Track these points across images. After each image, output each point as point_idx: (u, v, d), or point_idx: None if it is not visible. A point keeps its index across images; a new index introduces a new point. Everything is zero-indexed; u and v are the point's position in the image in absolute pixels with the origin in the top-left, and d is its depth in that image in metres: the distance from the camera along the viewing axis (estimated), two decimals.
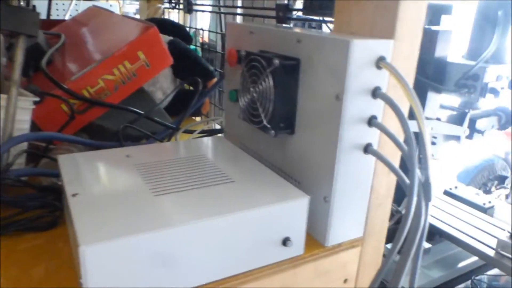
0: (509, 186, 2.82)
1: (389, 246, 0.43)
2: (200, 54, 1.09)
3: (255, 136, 0.51)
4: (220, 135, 0.68)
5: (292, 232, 0.39)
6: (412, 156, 0.36)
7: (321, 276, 0.45)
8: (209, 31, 1.12)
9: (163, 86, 0.81)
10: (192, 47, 1.01)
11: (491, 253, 0.84)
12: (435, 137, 0.88)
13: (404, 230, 0.38)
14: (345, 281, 0.47)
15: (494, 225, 0.94)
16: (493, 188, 2.89)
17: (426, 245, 0.93)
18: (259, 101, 0.45)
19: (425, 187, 0.37)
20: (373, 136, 0.41)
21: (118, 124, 0.58)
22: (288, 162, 0.46)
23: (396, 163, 0.43)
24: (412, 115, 0.37)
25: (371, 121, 0.40)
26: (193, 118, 0.96)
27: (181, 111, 0.67)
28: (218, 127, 0.83)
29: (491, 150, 2.96)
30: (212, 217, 0.33)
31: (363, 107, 0.39)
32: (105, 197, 0.35)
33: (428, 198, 0.38)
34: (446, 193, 1.19)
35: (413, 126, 0.36)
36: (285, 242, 0.39)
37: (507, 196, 2.51)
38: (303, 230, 0.40)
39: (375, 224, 0.47)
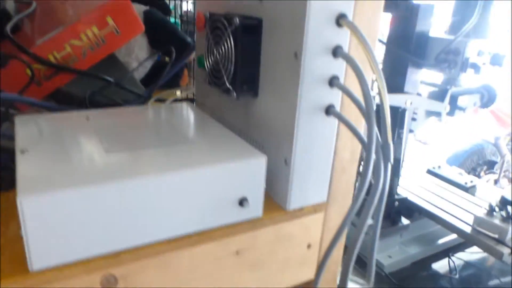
0: (498, 171, 2.85)
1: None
2: (180, 26, 1.07)
3: (222, 101, 0.50)
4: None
5: (249, 193, 0.38)
6: (370, 116, 0.36)
7: (283, 241, 0.45)
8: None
9: (138, 56, 0.80)
10: (172, 19, 0.99)
11: (468, 229, 0.84)
12: (415, 113, 0.88)
13: (362, 191, 0.38)
14: (309, 246, 0.47)
15: (473, 203, 0.95)
16: (482, 173, 2.92)
17: (404, 221, 0.94)
18: (221, 63, 0.44)
19: (384, 148, 0.37)
20: (335, 97, 0.40)
21: (87, 91, 0.57)
22: (252, 125, 0.46)
23: (360, 128, 0.43)
24: (392, 89, 0.36)
25: (333, 82, 0.39)
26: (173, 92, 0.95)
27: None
28: None
29: (481, 135, 2.98)
30: (162, 173, 0.33)
31: (324, 67, 0.38)
32: (54, 154, 0.35)
33: (387, 159, 0.37)
34: (429, 172, 1.20)
35: (395, 100, 0.36)
36: (242, 202, 0.38)
37: (496, 181, 2.53)
38: (261, 191, 0.39)
39: (339, 189, 0.46)
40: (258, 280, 0.46)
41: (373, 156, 0.36)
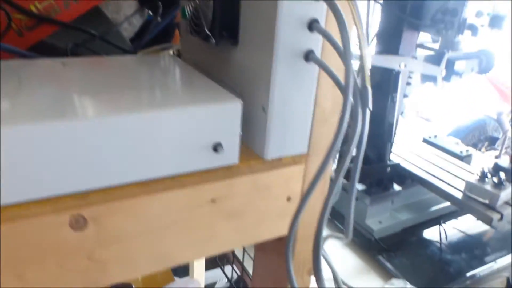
0: (499, 147, 2.83)
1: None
2: None
3: (203, 52, 0.49)
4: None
5: (224, 138, 0.38)
6: (347, 58, 0.35)
7: (261, 191, 0.44)
8: None
9: (127, 14, 0.78)
10: None
11: (459, 195, 0.84)
12: (410, 77, 0.86)
13: (338, 137, 0.37)
14: (289, 199, 0.47)
15: (467, 171, 0.94)
16: (483, 149, 2.91)
17: (396, 187, 0.93)
18: (201, 10, 0.43)
19: (362, 92, 0.36)
20: (316, 43, 0.39)
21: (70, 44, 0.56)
22: (232, 75, 0.45)
23: (341, 77, 0.42)
24: (387, 51, 0.35)
25: (312, 25, 0.38)
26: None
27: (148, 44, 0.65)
28: None
29: (483, 110, 2.95)
30: (131, 112, 0.32)
31: (302, 8, 0.37)
32: (18, 92, 0.34)
33: (365, 104, 0.36)
34: (425, 141, 1.19)
35: (388, 62, 0.34)
36: (216, 148, 0.38)
37: (496, 158, 2.52)
38: (236, 137, 0.39)
39: (321, 141, 0.46)
40: (236, 230, 0.46)
41: (351, 99, 0.35)
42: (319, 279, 0.42)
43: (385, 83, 0.84)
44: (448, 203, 0.97)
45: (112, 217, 0.36)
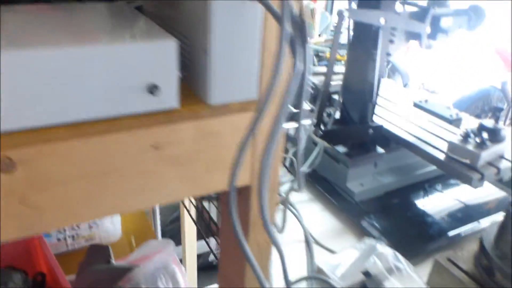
0: (503, 118, 2.79)
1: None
2: None
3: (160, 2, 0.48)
4: None
5: (160, 80, 0.37)
6: None
7: (209, 139, 0.43)
8: None
9: None
10: None
11: (442, 157, 0.82)
12: (393, 34, 0.83)
13: (276, 77, 0.35)
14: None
15: (453, 133, 0.92)
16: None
17: (379, 150, 0.92)
18: None
19: (300, 26, 0.34)
20: None
21: None
22: (181, 21, 0.43)
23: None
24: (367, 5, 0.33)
25: None
26: None
27: None
28: None
29: (488, 80, 2.89)
30: (58, 46, 0.31)
31: None
32: None
33: (303, 39, 0.35)
34: (415, 105, 1.16)
35: (367, 17, 0.32)
36: (152, 90, 0.37)
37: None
38: (173, 78, 0.37)
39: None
40: (185, 179, 0.45)
41: (288, 31, 0.34)
42: (266, 225, 0.41)
43: (364, 40, 0.81)
44: (434, 167, 0.95)
45: (41, 160, 0.35)
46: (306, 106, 1.19)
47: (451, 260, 0.67)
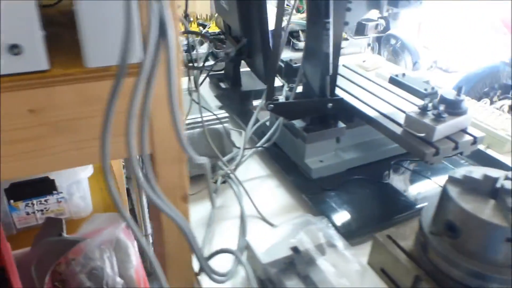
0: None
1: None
2: None
3: None
4: None
5: (22, 40, 0.36)
6: None
7: (92, 103, 0.43)
8: None
9: None
10: None
11: (399, 130, 0.80)
12: (350, 1, 0.80)
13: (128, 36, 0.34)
14: None
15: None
16: (495, 98, 2.77)
17: (340, 125, 0.90)
18: None
19: None
20: None
21: None
22: None
23: None
24: None
25: None
26: None
27: None
28: None
29: (497, 55, 2.79)
30: None
31: None
32: None
33: None
34: (391, 79, 1.13)
35: None
36: (14, 50, 0.36)
37: (511, 108, 2.40)
38: (37, 38, 0.37)
39: None
40: (74, 146, 0.45)
41: None
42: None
43: (316, 8, 0.78)
44: None
45: None
46: (278, 81, 1.17)
47: (390, 237, 0.66)
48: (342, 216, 0.78)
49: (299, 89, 0.95)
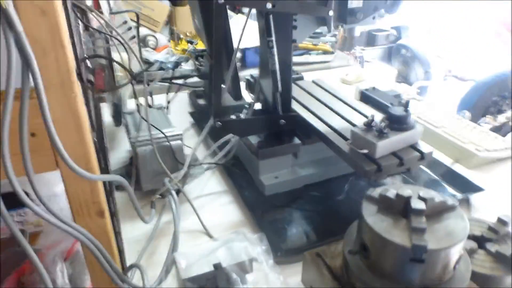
0: None
1: None
2: None
3: None
4: None
5: None
6: None
7: None
8: None
9: None
10: None
11: (345, 147, 0.80)
12: (295, 19, 0.82)
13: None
14: (33, 135, 0.48)
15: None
16: (504, 106, 2.70)
17: (296, 141, 0.90)
18: None
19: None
20: None
21: None
22: None
23: None
24: None
25: None
26: None
27: None
28: None
29: (505, 63, 2.72)
30: None
31: None
32: None
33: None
34: (362, 94, 1.13)
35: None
36: None
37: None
38: None
39: (46, 74, 0.45)
40: None
41: None
42: None
43: (262, 26, 0.80)
44: None
45: None
46: (248, 97, 1.19)
47: (319, 255, 0.66)
48: (281, 234, 0.78)
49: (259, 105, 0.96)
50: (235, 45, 0.99)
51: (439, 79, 3.96)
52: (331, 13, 0.81)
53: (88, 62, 0.80)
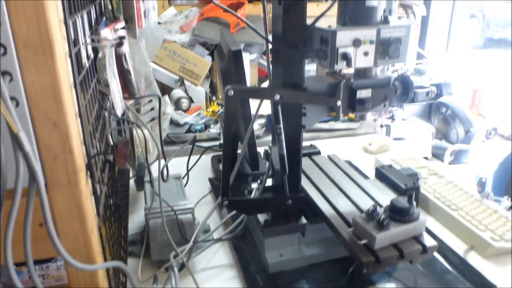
0: None
1: None
2: None
3: None
4: None
5: None
6: None
7: None
8: None
9: None
10: None
11: (346, 234, 0.81)
12: (304, 107, 0.86)
13: None
14: None
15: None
16: None
17: (302, 220, 0.93)
18: None
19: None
20: None
21: None
22: None
23: None
24: None
25: None
26: None
27: None
28: None
29: None
30: None
31: None
32: None
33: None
34: (377, 172, 1.14)
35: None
36: None
37: None
38: None
39: None
40: None
41: None
42: None
43: (271, 113, 0.85)
44: None
45: None
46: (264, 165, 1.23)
47: None
48: None
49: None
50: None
51: (481, 139, 3.85)
52: (339, 103, 0.85)
53: (110, 138, 0.88)
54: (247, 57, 2.36)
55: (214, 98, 1.86)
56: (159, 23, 2.58)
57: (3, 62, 0.45)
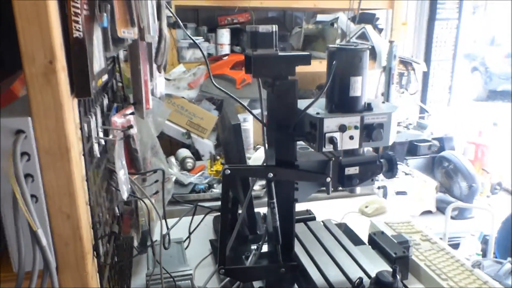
0: None
1: None
2: None
3: None
4: None
5: None
6: None
7: None
8: None
9: None
10: None
11: None
12: (297, 183, 0.93)
13: None
14: None
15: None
16: None
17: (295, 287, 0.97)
18: None
19: None
20: None
21: None
22: None
23: None
24: None
25: None
26: None
27: None
28: None
29: None
30: None
31: None
32: None
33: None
34: (369, 238, 1.19)
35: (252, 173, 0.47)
36: None
37: None
38: None
39: None
40: None
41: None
42: None
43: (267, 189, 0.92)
44: None
45: None
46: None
47: None
48: None
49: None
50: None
51: (486, 194, 3.86)
52: (328, 179, 0.92)
53: (116, 209, 0.95)
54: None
55: (218, 157, 1.94)
56: (168, 79, 2.72)
57: (26, 167, 0.53)
